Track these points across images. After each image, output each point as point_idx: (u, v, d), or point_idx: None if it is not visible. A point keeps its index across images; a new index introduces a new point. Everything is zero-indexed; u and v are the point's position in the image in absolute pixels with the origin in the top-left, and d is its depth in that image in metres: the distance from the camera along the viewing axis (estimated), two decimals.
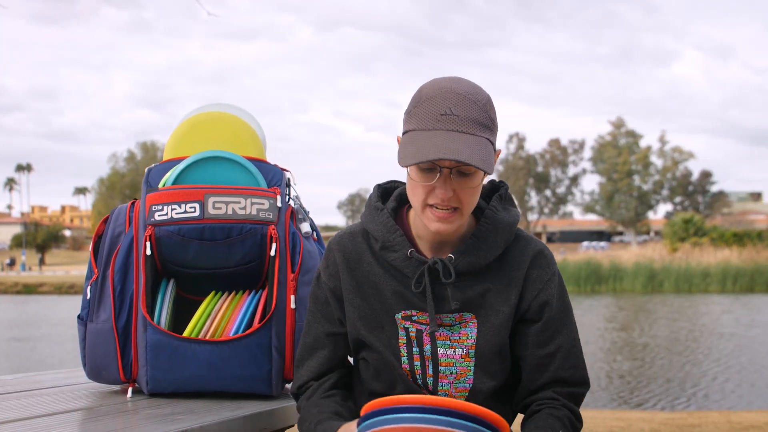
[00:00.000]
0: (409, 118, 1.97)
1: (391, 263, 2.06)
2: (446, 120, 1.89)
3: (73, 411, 2.30)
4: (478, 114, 1.92)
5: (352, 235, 2.15)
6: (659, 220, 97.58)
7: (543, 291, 2.08)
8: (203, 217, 2.43)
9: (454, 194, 1.92)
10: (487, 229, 2.05)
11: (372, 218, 2.10)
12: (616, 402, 11.53)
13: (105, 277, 2.56)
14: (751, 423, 8.34)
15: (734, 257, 45.28)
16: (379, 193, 2.17)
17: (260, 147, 2.71)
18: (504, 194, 2.15)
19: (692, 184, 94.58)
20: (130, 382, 2.55)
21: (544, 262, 2.11)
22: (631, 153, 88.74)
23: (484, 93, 1.98)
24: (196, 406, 2.35)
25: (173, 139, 2.67)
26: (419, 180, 1.93)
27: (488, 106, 1.96)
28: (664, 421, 8.61)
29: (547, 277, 2.10)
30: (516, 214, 2.12)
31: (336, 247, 2.15)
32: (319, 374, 2.16)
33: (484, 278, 2.07)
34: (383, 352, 2.08)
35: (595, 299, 35.37)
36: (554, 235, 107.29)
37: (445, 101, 1.91)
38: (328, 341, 2.16)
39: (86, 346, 2.59)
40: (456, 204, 1.94)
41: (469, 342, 2.06)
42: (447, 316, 2.05)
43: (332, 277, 2.14)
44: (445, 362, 2.06)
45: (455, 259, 2.02)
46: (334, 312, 2.14)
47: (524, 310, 2.08)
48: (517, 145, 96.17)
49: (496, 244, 2.06)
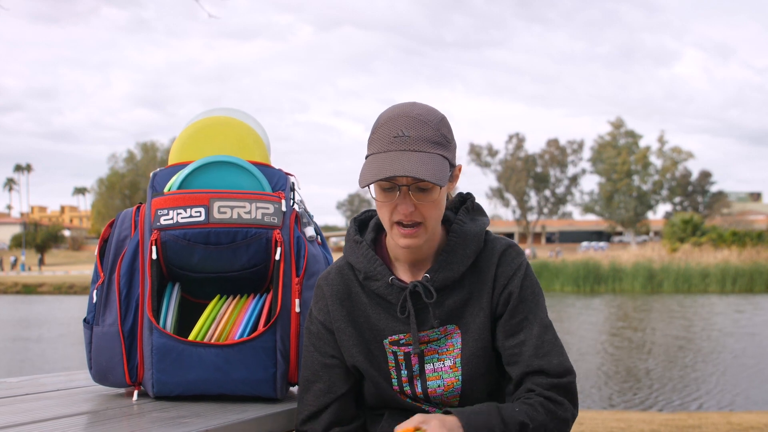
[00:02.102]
0: (369, 143, 2.12)
1: (376, 292, 2.20)
2: (399, 141, 2.04)
3: (79, 414, 2.30)
4: (430, 133, 2.06)
5: (339, 269, 2.30)
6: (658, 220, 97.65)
7: (508, 284, 2.18)
8: (209, 222, 2.45)
9: (416, 209, 2.06)
10: (456, 242, 2.18)
11: (353, 251, 2.25)
12: (616, 403, 11.54)
13: (111, 281, 2.57)
14: (751, 424, 8.35)
15: (734, 257, 45.29)
16: (356, 226, 2.32)
17: (265, 151, 2.73)
18: (470, 205, 2.29)
19: (691, 184, 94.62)
20: (135, 385, 2.56)
21: (508, 258, 2.21)
22: (630, 153, 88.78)
23: (437, 114, 2.12)
24: (202, 410, 2.36)
25: (178, 144, 2.68)
26: (382, 200, 2.09)
27: (441, 125, 2.10)
28: (664, 422, 8.62)
29: (512, 270, 2.19)
30: (483, 222, 2.26)
31: (324, 282, 2.30)
32: (319, 408, 2.27)
33: (460, 288, 2.19)
34: (376, 376, 2.23)
35: (594, 299, 35.37)
36: (553, 235, 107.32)
37: (398, 124, 2.06)
38: (324, 373, 2.27)
39: (92, 349, 2.60)
40: (419, 218, 2.08)
41: (455, 352, 2.17)
42: (433, 332, 2.17)
43: (322, 311, 2.28)
44: (432, 377, 2.19)
45: (431, 278, 2.15)
46: (326, 345, 2.27)
47: (495, 306, 2.18)
48: (515, 146, 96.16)
49: (467, 255, 2.18)
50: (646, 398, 11.83)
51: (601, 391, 12.43)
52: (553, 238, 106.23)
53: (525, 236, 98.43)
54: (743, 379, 13.64)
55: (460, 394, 2.17)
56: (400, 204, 2.05)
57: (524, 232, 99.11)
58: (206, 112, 2.83)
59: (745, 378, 13.72)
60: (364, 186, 2.01)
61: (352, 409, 2.29)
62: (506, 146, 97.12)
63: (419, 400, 2.21)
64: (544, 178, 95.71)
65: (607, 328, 22.93)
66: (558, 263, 45.33)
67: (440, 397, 2.18)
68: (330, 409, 2.25)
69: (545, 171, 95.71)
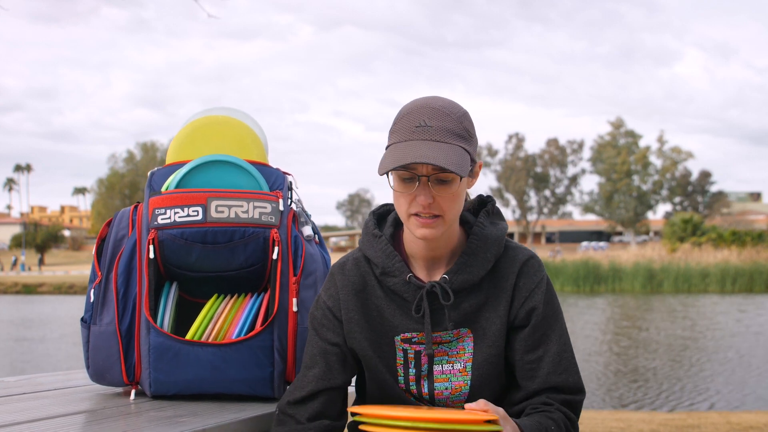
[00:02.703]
0: (390, 134, 2.09)
1: (392, 288, 2.16)
2: (421, 131, 2.02)
3: (76, 413, 2.30)
4: (452, 125, 2.03)
5: (356, 261, 2.25)
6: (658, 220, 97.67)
7: (530, 298, 2.15)
8: (206, 221, 2.44)
9: (434, 201, 2.02)
10: (477, 245, 2.15)
11: (371, 245, 2.21)
12: (616, 402, 11.54)
13: (108, 280, 2.57)
14: (750, 424, 8.35)
15: (733, 257, 45.28)
16: (375, 219, 2.28)
17: (262, 150, 2.72)
18: (491, 209, 2.25)
19: (691, 184, 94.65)
20: (133, 384, 2.56)
21: (531, 270, 2.18)
22: (630, 153, 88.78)
23: (461, 108, 2.10)
24: (199, 409, 2.36)
25: (176, 143, 2.68)
26: (401, 190, 2.05)
27: (464, 119, 2.07)
28: (664, 422, 8.62)
29: (534, 284, 2.17)
30: (503, 227, 2.22)
31: (339, 272, 2.26)
32: (309, 393, 2.19)
33: (477, 292, 2.16)
34: (383, 371, 2.19)
35: (594, 299, 35.37)
36: (553, 235, 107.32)
37: (421, 115, 2.04)
38: (321, 359, 2.22)
39: (90, 348, 2.60)
40: (437, 211, 2.04)
41: (466, 356, 2.15)
42: (446, 333, 2.14)
43: (332, 298, 2.23)
44: (440, 378, 2.16)
45: (450, 279, 2.12)
46: (329, 331, 2.22)
47: (513, 317, 2.15)
48: (515, 146, 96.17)
49: (487, 258, 2.15)
50: (645, 398, 11.83)
51: (600, 390, 12.42)
52: (553, 238, 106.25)
53: (525, 236, 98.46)
54: (743, 378, 13.63)
55: (466, 399, 2.15)
56: (419, 195, 2.02)
57: (524, 232, 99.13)
58: (204, 111, 2.82)
59: (745, 377, 13.71)
60: (383, 173, 2.00)
61: (341, 405, 2.24)
62: (506, 146, 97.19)
63: (424, 401, 2.19)
64: (544, 178, 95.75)
65: (607, 327, 22.93)
66: (558, 263, 45.32)
67: (446, 399, 2.17)
68: (320, 399, 2.18)
69: (545, 171, 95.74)
